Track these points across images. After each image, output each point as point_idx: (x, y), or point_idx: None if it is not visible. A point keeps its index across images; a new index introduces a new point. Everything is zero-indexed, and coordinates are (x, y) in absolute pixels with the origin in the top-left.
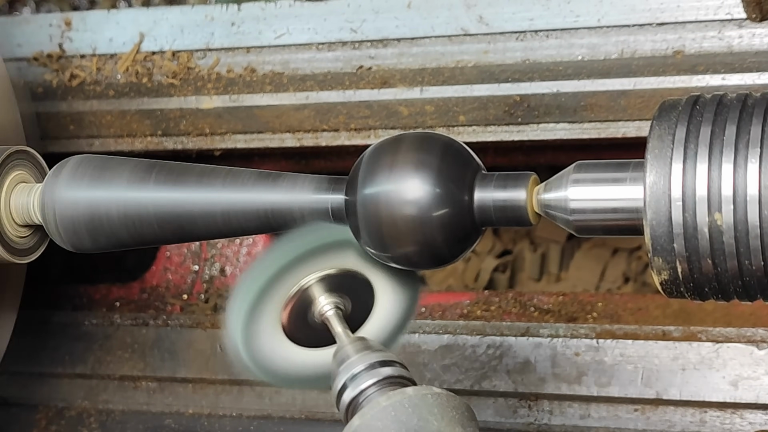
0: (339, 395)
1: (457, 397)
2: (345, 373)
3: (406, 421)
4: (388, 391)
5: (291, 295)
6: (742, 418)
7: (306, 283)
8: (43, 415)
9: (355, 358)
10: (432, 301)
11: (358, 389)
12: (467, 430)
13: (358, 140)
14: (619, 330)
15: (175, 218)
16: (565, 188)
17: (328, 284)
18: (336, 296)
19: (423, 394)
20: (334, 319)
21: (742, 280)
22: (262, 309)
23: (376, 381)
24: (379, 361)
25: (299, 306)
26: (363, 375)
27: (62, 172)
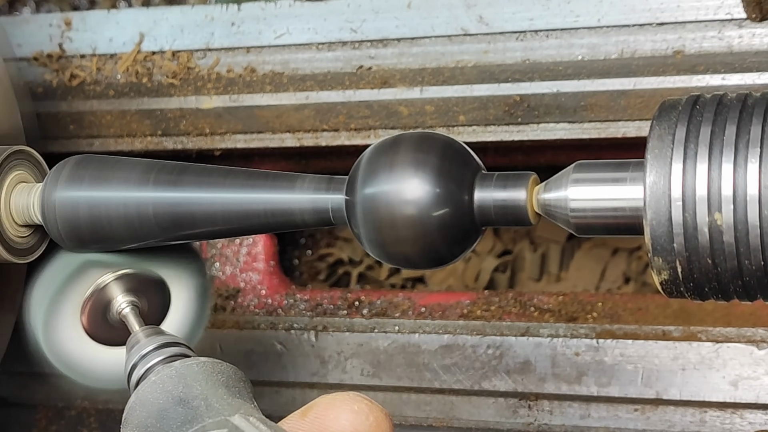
0: (129, 375)
1: (224, 363)
2: (135, 355)
3: (172, 390)
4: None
5: (87, 295)
6: (742, 418)
7: (102, 283)
8: (43, 415)
9: (144, 341)
10: (432, 301)
11: (145, 367)
12: (231, 390)
13: (358, 140)
14: (619, 330)
15: (175, 218)
16: (565, 188)
17: (124, 284)
18: (133, 295)
19: (188, 365)
20: (131, 316)
21: (742, 280)
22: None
23: (162, 359)
24: (166, 342)
25: (98, 306)
26: (150, 355)
27: (62, 172)
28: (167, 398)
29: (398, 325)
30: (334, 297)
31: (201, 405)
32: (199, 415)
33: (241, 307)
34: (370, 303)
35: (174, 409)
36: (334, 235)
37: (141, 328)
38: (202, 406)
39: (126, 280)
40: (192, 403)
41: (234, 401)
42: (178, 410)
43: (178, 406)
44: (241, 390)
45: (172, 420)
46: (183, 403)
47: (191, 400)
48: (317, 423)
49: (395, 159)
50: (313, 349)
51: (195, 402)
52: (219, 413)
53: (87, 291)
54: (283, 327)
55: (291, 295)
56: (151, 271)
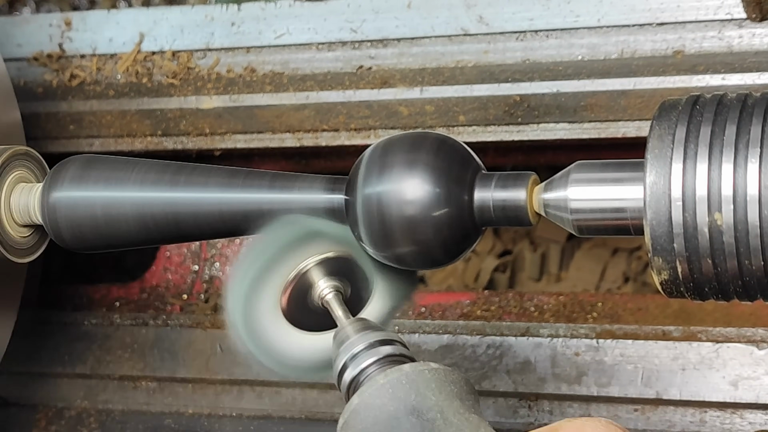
0: (340, 375)
1: (455, 372)
2: (345, 353)
3: (404, 398)
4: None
5: (290, 279)
6: (742, 418)
7: (305, 267)
8: (42, 415)
9: (355, 338)
10: (432, 301)
11: (359, 368)
12: (466, 404)
13: (358, 140)
14: (619, 330)
15: (174, 218)
16: (565, 188)
17: (327, 268)
18: (335, 280)
19: (420, 370)
20: (334, 302)
21: (742, 280)
22: (261, 293)
23: (376, 359)
24: (379, 340)
25: (299, 290)
26: (363, 354)
27: (62, 171)
28: (398, 406)
29: (398, 325)
30: None
31: (438, 418)
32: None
33: None
34: None
35: (406, 418)
36: None
37: (349, 320)
38: (438, 419)
39: (330, 265)
40: (427, 415)
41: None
42: (412, 421)
43: (411, 416)
44: (474, 404)
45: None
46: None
47: (426, 412)
48: None
49: (395, 159)
50: None
51: (430, 414)
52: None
53: (289, 274)
54: None
55: None
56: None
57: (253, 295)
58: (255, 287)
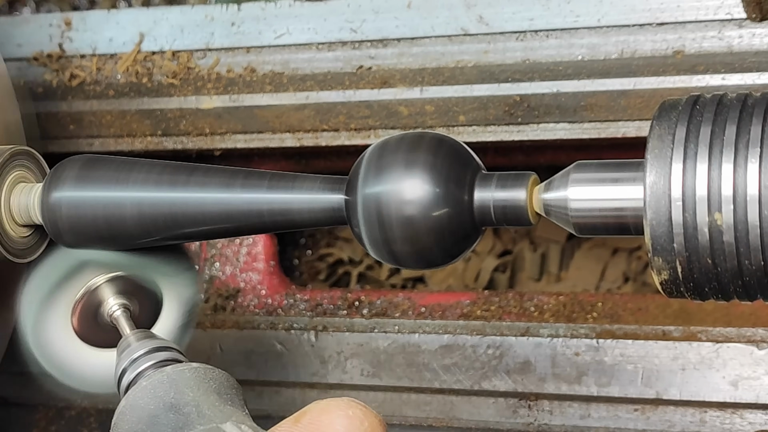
0: (119, 380)
1: (216, 370)
2: (125, 359)
3: (164, 396)
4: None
5: (79, 297)
6: (742, 418)
7: (94, 285)
8: (43, 415)
9: (135, 345)
10: (432, 301)
11: (135, 372)
12: (223, 397)
13: (358, 140)
14: (619, 330)
15: (174, 218)
16: (565, 188)
17: (116, 286)
18: (124, 298)
19: (180, 370)
20: (121, 319)
21: (742, 280)
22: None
23: (152, 363)
24: (157, 346)
25: (89, 307)
26: (141, 359)
27: (62, 171)
28: (158, 404)
29: (398, 325)
30: (334, 297)
31: (192, 411)
32: (191, 422)
33: (241, 307)
34: (370, 303)
35: (165, 415)
36: (334, 235)
37: (132, 331)
38: (193, 412)
39: (118, 283)
40: (183, 410)
41: (225, 408)
42: (170, 416)
43: (169, 412)
44: (233, 397)
45: (163, 426)
46: (174, 410)
47: (183, 407)
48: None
49: (395, 159)
50: (313, 349)
51: (186, 408)
52: (210, 420)
53: (78, 292)
54: (283, 327)
55: (291, 295)
56: (143, 275)
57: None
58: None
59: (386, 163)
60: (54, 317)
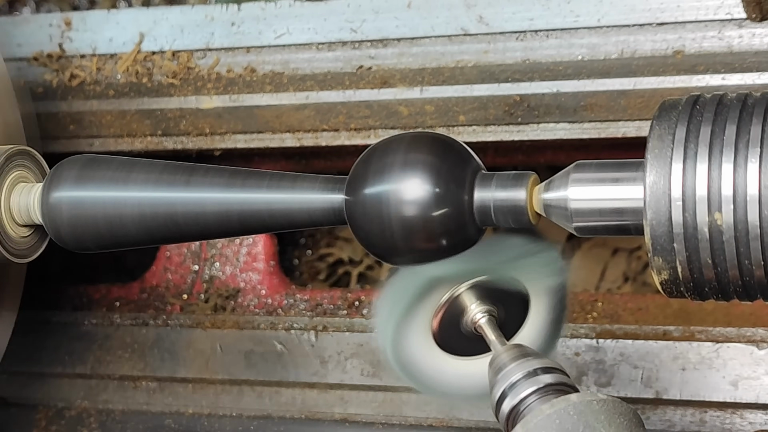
0: (498, 405)
1: (624, 404)
2: (503, 381)
3: (572, 429)
4: (549, 399)
5: (441, 303)
6: (742, 418)
7: (457, 291)
8: (43, 415)
9: (512, 366)
10: None
11: (518, 398)
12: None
13: (358, 140)
14: (619, 330)
15: (174, 218)
16: (565, 188)
17: (479, 291)
18: (488, 303)
19: (588, 401)
20: (488, 327)
21: (742, 280)
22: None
23: (537, 389)
24: (538, 368)
25: (450, 314)
26: (522, 383)
27: (62, 171)
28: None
29: None
30: (334, 297)
31: None
32: None
33: (241, 307)
34: (370, 303)
35: None
36: (334, 235)
37: (504, 347)
38: None
39: (482, 288)
40: None
41: None
42: None
43: None
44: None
45: None
46: None
47: None
48: None
49: (395, 159)
50: (313, 349)
51: None
52: None
53: (441, 299)
54: (283, 327)
55: (291, 295)
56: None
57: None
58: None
59: (386, 164)
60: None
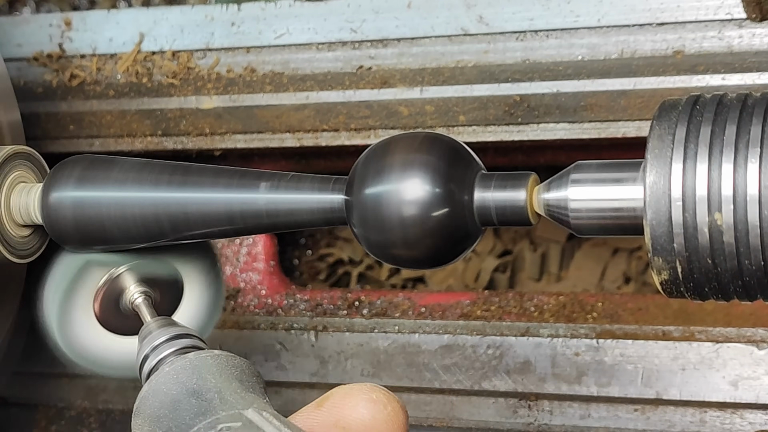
0: (141, 366)
1: (238, 357)
2: (147, 345)
3: (186, 381)
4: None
5: (100, 285)
6: (742, 418)
7: (116, 273)
8: (43, 415)
9: (157, 332)
10: (432, 301)
11: (157, 359)
12: (245, 384)
13: (358, 140)
14: (619, 330)
15: (174, 218)
16: (565, 188)
17: (138, 273)
18: (146, 285)
19: (203, 357)
20: (143, 306)
21: (742, 280)
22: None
23: (174, 350)
24: (177, 333)
25: (110, 296)
26: (162, 346)
27: (62, 171)
28: (181, 389)
29: (398, 325)
30: (334, 297)
31: (215, 398)
32: (213, 408)
33: (241, 307)
34: (370, 303)
35: (187, 400)
36: (334, 235)
37: (153, 318)
38: (215, 398)
39: (140, 270)
40: (206, 396)
41: (247, 395)
42: (192, 402)
43: (191, 397)
44: (254, 384)
45: (185, 411)
46: (197, 395)
47: (205, 393)
48: (334, 412)
49: (395, 159)
50: (313, 349)
51: (209, 394)
52: (233, 407)
53: (100, 280)
54: (283, 327)
55: (291, 295)
56: (164, 262)
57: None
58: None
59: (386, 164)
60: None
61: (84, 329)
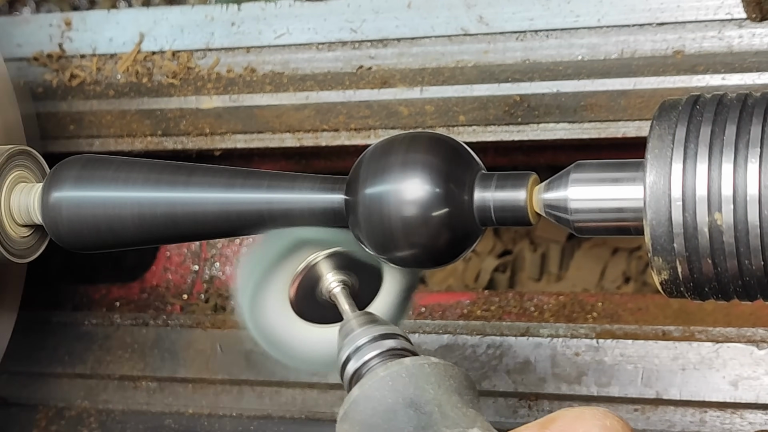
0: (343, 367)
1: (455, 367)
2: (349, 345)
3: (403, 390)
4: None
5: (299, 271)
6: (742, 418)
7: (314, 260)
8: (43, 415)
9: (359, 331)
10: (432, 301)
11: (361, 361)
12: (464, 398)
13: (358, 140)
14: (619, 330)
15: (174, 218)
16: (565, 188)
17: (336, 261)
18: (344, 273)
19: (420, 364)
20: (341, 296)
21: (742, 280)
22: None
23: (379, 353)
24: (383, 333)
25: (307, 282)
26: (366, 347)
27: (62, 171)
28: (397, 398)
29: None
30: None
31: (435, 411)
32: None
33: None
34: None
35: (404, 411)
36: None
37: (354, 314)
38: (436, 412)
39: (339, 259)
40: (425, 408)
41: (469, 411)
42: (410, 413)
43: (409, 408)
44: (472, 399)
45: (402, 422)
46: (415, 407)
47: (424, 405)
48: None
49: (395, 159)
50: None
51: (428, 407)
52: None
53: (298, 267)
54: None
55: None
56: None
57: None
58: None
59: (386, 164)
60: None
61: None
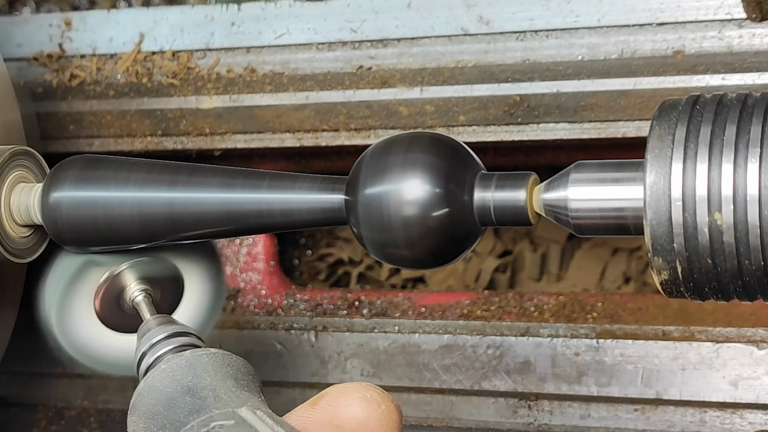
0: (138, 364)
1: (233, 355)
2: (145, 343)
3: (182, 379)
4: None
5: (101, 282)
6: (742, 418)
7: (116, 270)
8: (43, 415)
9: (155, 330)
10: (432, 301)
11: (154, 357)
12: (240, 383)
13: (358, 140)
14: (619, 330)
15: (174, 218)
16: (565, 188)
17: (138, 271)
18: (146, 283)
19: (198, 354)
20: (143, 304)
21: (742, 280)
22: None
23: (171, 348)
24: (176, 332)
25: (111, 293)
26: (159, 344)
27: (62, 171)
28: (176, 387)
29: (398, 325)
30: (334, 297)
31: (209, 395)
32: (207, 406)
33: (241, 307)
34: (370, 303)
35: (182, 398)
36: (334, 235)
37: (152, 316)
38: (210, 396)
39: (140, 268)
40: (200, 393)
41: (242, 394)
42: (186, 399)
43: (186, 395)
44: (249, 383)
45: (179, 409)
46: (191, 393)
47: (199, 391)
48: (328, 410)
49: (395, 159)
50: (313, 349)
51: (203, 392)
52: (226, 405)
53: (101, 277)
54: (283, 327)
55: (291, 295)
56: (165, 261)
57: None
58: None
59: (386, 164)
60: (77, 302)
61: (84, 326)
